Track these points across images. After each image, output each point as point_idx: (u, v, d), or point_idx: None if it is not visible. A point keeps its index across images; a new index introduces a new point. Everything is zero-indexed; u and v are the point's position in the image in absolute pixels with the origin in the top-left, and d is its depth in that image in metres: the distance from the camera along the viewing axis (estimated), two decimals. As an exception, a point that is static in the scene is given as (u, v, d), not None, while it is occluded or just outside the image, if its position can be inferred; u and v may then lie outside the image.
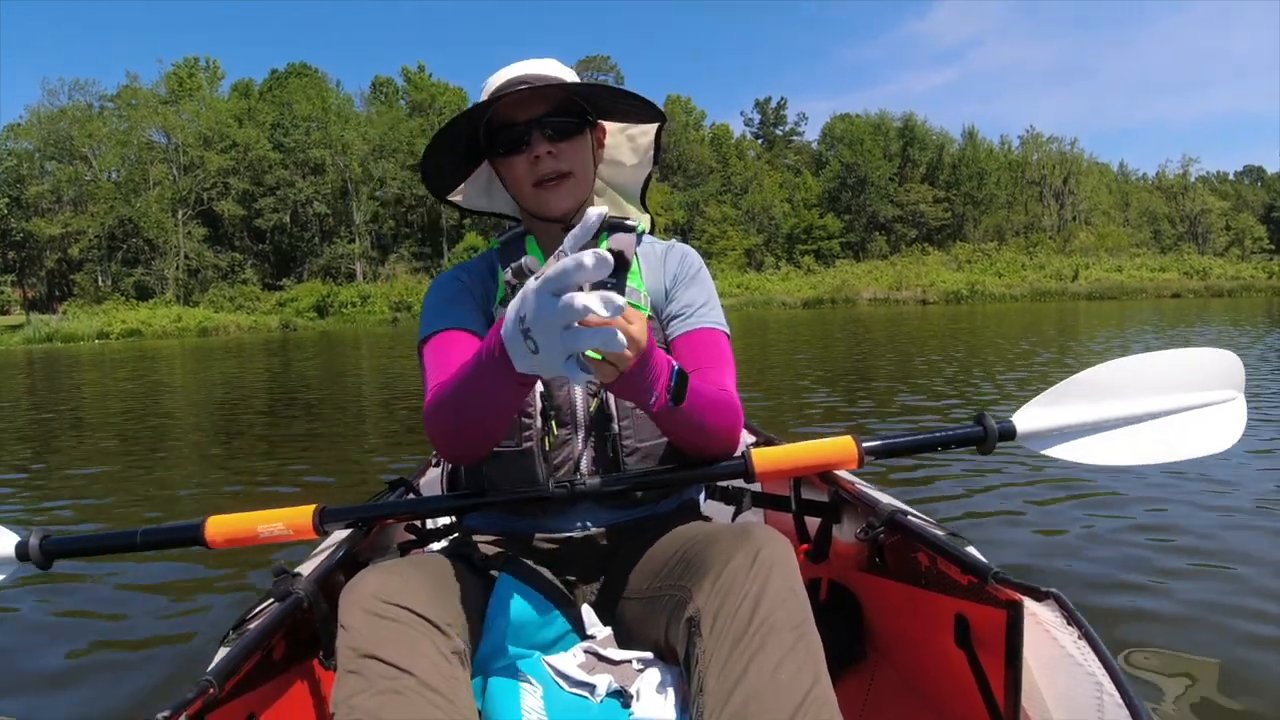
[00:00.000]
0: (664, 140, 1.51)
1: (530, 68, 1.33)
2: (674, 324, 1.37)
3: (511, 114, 1.28)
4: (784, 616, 0.94)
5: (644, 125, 1.45)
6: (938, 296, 43.38)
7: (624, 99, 1.35)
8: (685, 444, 1.27)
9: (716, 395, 1.24)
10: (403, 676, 0.92)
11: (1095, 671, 0.89)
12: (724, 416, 1.25)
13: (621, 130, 1.46)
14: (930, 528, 1.24)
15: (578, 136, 1.32)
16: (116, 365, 18.27)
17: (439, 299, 1.38)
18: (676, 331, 1.36)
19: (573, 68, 1.41)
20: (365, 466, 5.27)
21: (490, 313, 1.38)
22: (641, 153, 1.50)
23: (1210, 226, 69.08)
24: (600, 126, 1.41)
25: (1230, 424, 1.48)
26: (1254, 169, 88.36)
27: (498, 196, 1.52)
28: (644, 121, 1.44)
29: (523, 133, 1.28)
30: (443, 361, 1.28)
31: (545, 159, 1.28)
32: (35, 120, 49.97)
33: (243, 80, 60.07)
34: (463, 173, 1.47)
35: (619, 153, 1.49)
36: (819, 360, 11.76)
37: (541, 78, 1.30)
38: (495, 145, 1.33)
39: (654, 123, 1.44)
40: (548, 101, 1.28)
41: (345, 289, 46.79)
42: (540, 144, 1.28)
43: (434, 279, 1.45)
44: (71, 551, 1.39)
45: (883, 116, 65.33)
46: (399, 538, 1.58)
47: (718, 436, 1.25)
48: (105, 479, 5.19)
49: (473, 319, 1.35)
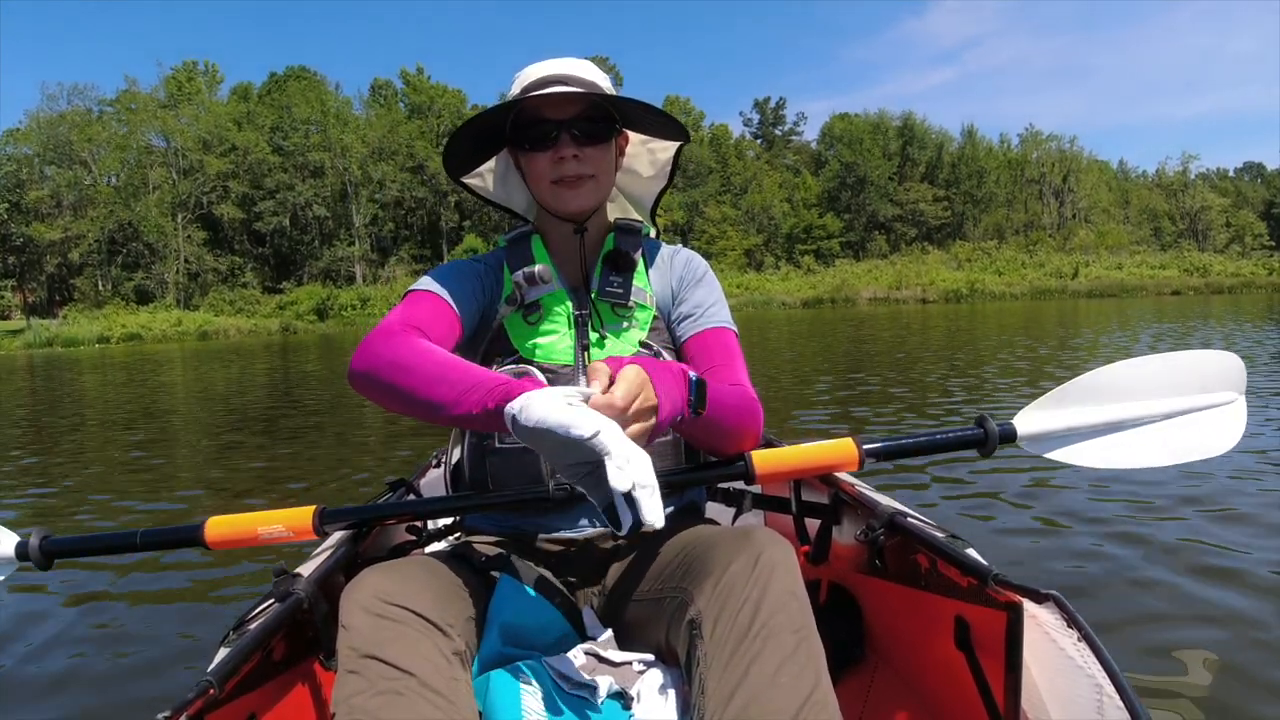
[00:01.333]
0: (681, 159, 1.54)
1: (565, 67, 1.33)
2: (684, 324, 1.39)
3: (542, 111, 1.29)
4: (785, 620, 0.95)
5: (666, 141, 1.47)
6: (937, 295, 43.40)
7: (653, 114, 1.36)
8: (710, 448, 1.28)
9: (735, 395, 1.26)
10: (403, 677, 0.92)
11: (1095, 674, 0.89)
12: (745, 414, 1.27)
13: (643, 142, 1.47)
14: (930, 529, 1.24)
15: (604, 142, 1.33)
16: (116, 369, 18.28)
17: (447, 270, 1.38)
18: (688, 333, 1.38)
19: None
20: (365, 467, 5.27)
21: (494, 308, 1.38)
22: (659, 166, 1.52)
23: (1210, 223, 69.02)
24: (625, 135, 1.42)
25: (1230, 426, 1.48)
26: (1254, 165, 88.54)
27: (513, 187, 1.51)
28: (667, 138, 1.46)
29: (552, 131, 1.29)
30: (415, 314, 1.27)
31: (570, 161, 1.29)
32: (35, 125, 50.00)
33: (242, 84, 60.27)
34: (479, 158, 1.47)
35: (637, 163, 1.51)
36: (818, 360, 11.76)
37: (577, 80, 1.31)
38: (521, 139, 1.33)
39: (677, 141, 1.46)
40: (580, 104, 1.29)
41: (345, 292, 46.85)
42: (567, 145, 1.29)
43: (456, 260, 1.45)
44: (71, 552, 1.38)
45: (882, 116, 65.42)
46: (399, 538, 1.58)
47: (742, 435, 1.27)
48: (105, 480, 5.18)
49: (468, 301, 1.35)
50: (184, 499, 4.64)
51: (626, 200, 1.59)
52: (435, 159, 55.27)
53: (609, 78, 1.40)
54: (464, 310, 1.33)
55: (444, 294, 1.32)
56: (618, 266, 1.38)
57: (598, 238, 1.41)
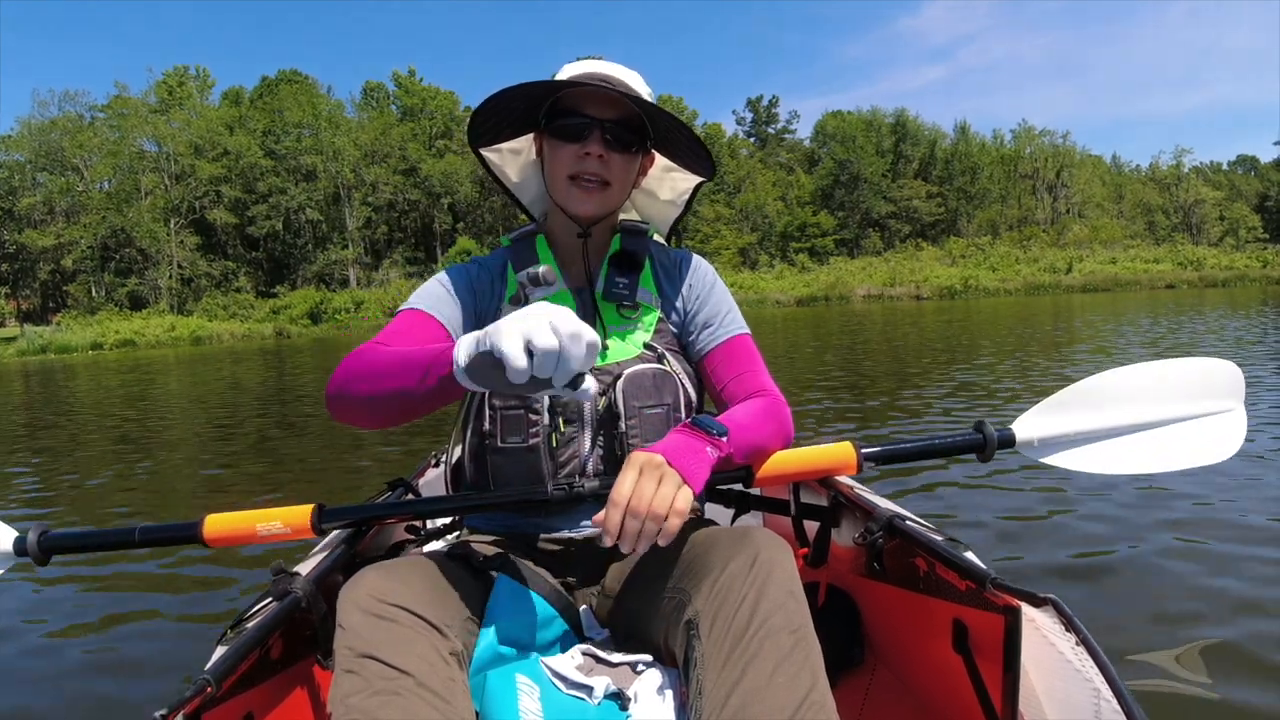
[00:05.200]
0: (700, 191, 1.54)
1: (615, 71, 1.34)
2: (703, 336, 1.39)
3: (582, 104, 1.29)
4: (782, 620, 0.95)
5: (688, 173, 1.47)
6: (932, 292, 43.45)
7: (689, 140, 1.35)
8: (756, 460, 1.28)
9: (759, 411, 1.26)
10: (400, 677, 0.93)
11: (1093, 678, 0.89)
12: (773, 422, 1.27)
13: (666, 169, 1.48)
14: (928, 533, 1.24)
15: (630, 154, 1.33)
16: (110, 374, 18.22)
17: (439, 285, 1.37)
18: (709, 345, 1.38)
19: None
20: (364, 467, 5.27)
21: (494, 310, 1.38)
22: (678, 194, 1.53)
23: (1204, 217, 69.11)
24: (650, 155, 1.42)
25: (1229, 435, 1.47)
26: (1247, 159, 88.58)
27: (529, 176, 1.51)
28: (692, 169, 1.46)
29: (585, 126, 1.28)
30: (403, 332, 1.27)
31: (594, 160, 1.29)
32: (26, 132, 49.85)
33: (233, 88, 60.11)
34: (505, 134, 1.44)
35: (656, 185, 1.51)
36: (815, 359, 11.77)
37: (623, 85, 1.30)
38: (553, 127, 1.32)
39: (700, 176, 1.47)
40: (618, 108, 1.29)
41: (339, 295, 46.79)
42: (596, 144, 1.28)
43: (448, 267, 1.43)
44: (70, 547, 1.37)
45: (875, 113, 65.48)
46: (398, 537, 1.58)
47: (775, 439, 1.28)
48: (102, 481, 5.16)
49: (454, 307, 1.34)
50: (183, 500, 4.64)
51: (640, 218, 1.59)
52: (428, 161, 55.30)
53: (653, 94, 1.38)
54: (448, 315, 1.32)
55: (426, 306, 1.32)
56: (623, 268, 1.38)
57: (603, 240, 1.41)
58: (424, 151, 56.30)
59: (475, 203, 56.18)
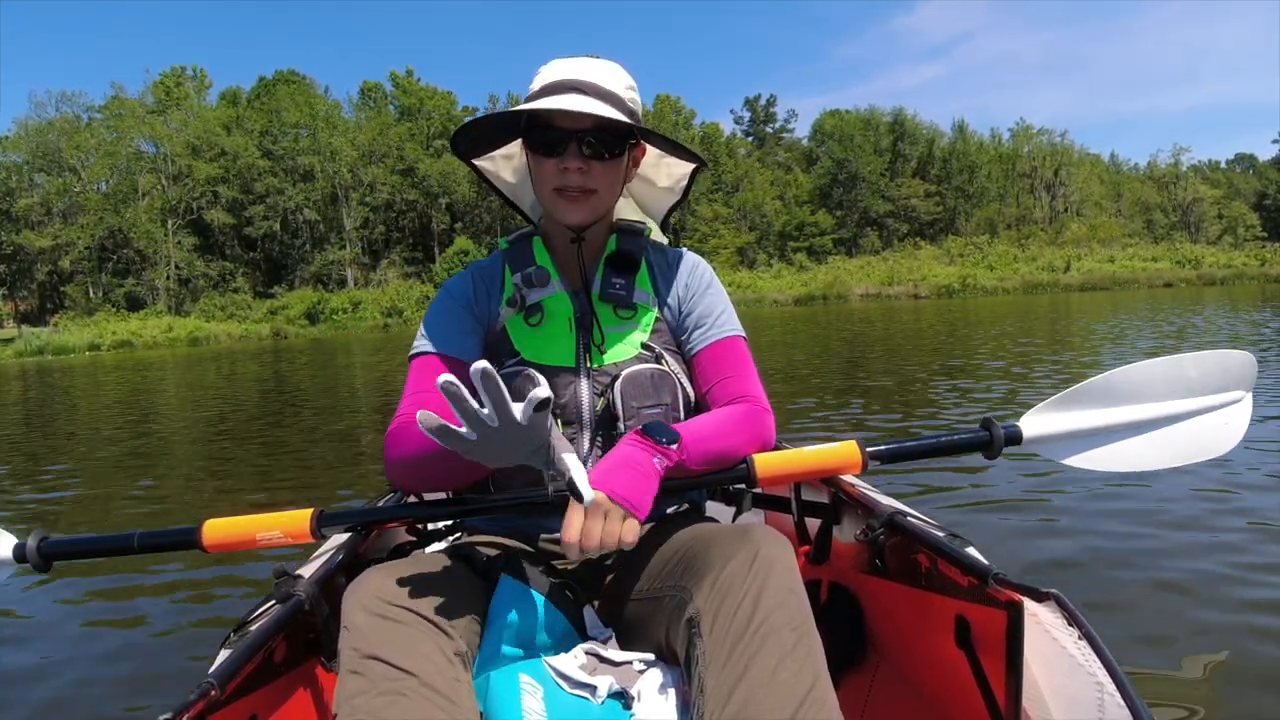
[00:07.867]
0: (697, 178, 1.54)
1: (588, 72, 1.29)
2: (695, 335, 1.38)
3: (554, 119, 1.26)
4: (783, 617, 0.95)
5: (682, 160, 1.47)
6: (930, 291, 43.50)
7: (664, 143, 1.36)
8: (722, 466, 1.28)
9: (732, 419, 1.26)
10: (405, 677, 0.93)
11: (1096, 672, 0.89)
12: (746, 431, 1.27)
13: (660, 157, 1.46)
14: (930, 529, 1.24)
15: (613, 158, 1.30)
16: (107, 375, 18.20)
17: (439, 313, 1.38)
18: (699, 344, 1.37)
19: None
20: (364, 467, 5.26)
21: (495, 311, 1.38)
22: (675, 180, 1.52)
23: (1203, 215, 69.10)
24: (641, 147, 1.40)
25: (1234, 424, 1.46)
26: (1246, 157, 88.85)
27: (524, 181, 1.50)
28: (684, 160, 1.46)
29: (561, 140, 1.26)
30: (424, 385, 1.30)
31: (574, 173, 1.26)
32: (23, 133, 49.88)
33: (230, 88, 60.00)
34: (495, 143, 1.45)
35: (653, 172, 1.50)
36: (814, 359, 11.77)
37: (596, 89, 1.27)
38: (531, 140, 1.31)
39: (693, 164, 1.46)
40: (594, 117, 1.24)
41: (336, 296, 46.79)
42: (574, 158, 1.26)
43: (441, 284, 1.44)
44: (70, 554, 1.37)
45: (873, 112, 65.47)
46: (400, 538, 1.57)
47: (746, 448, 1.27)
48: (102, 482, 5.16)
49: (463, 341, 1.35)
50: (182, 500, 4.63)
51: (638, 205, 1.58)
52: (426, 161, 55.22)
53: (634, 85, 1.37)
54: (458, 346, 1.34)
55: (435, 349, 1.33)
56: (620, 268, 1.38)
57: (599, 241, 1.41)
58: (421, 151, 56.25)
59: (473, 202, 56.10)
